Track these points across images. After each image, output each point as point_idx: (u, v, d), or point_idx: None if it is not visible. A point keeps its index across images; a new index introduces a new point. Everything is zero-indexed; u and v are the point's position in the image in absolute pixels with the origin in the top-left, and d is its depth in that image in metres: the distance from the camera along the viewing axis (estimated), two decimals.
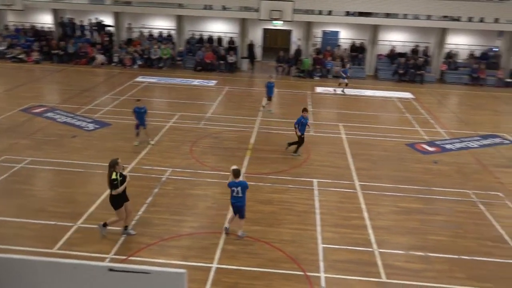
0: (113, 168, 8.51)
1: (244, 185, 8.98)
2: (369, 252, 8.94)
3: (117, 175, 8.52)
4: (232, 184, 8.99)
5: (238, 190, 8.94)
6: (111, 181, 8.49)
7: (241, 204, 9.06)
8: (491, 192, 11.78)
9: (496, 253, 9.10)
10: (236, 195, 8.98)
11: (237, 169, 9.05)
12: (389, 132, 16.21)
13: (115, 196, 8.63)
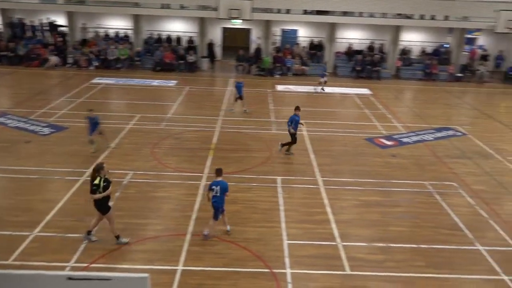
0: (97, 173, 8.35)
1: (223, 186, 8.97)
2: (333, 246, 9.12)
3: (101, 180, 8.33)
4: (212, 183, 9.07)
5: (217, 190, 8.94)
6: (93, 185, 8.32)
7: (218, 204, 9.02)
8: (445, 182, 12.29)
9: (452, 240, 9.51)
10: (215, 194, 8.98)
11: (219, 168, 9.17)
12: (349, 128, 16.59)
13: (101, 201, 8.42)
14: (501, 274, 8.41)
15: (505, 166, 13.60)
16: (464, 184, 12.23)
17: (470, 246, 9.31)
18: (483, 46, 28.57)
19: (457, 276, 8.35)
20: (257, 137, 15.26)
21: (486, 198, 11.44)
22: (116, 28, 27.61)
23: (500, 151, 14.83)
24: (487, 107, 20.48)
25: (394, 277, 8.22)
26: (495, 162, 13.91)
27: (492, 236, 9.74)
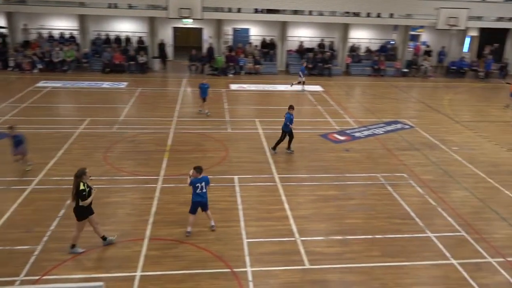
0: (80, 179, 8.18)
1: (207, 180, 9.16)
2: (292, 241, 9.23)
3: (85, 185, 8.18)
4: (195, 181, 9.05)
5: (202, 186, 9.05)
6: (80, 192, 8.12)
7: (205, 200, 9.17)
8: (396, 174, 12.78)
9: (404, 229, 9.89)
10: (199, 192, 9.05)
11: (199, 166, 9.19)
12: (303, 125, 16.84)
13: (82, 208, 8.24)
14: (450, 259, 8.84)
15: (450, 156, 14.33)
16: (413, 174, 12.76)
17: (421, 233, 9.72)
18: (426, 42, 29.95)
19: (411, 263, 8.70)
20: (213, 137, 15.16)
21: (434, 187, 12.00)
22: (60, 28, 26.51)
23: (445, 141, 15.60)
24: (432, 100, 21.48)
25: (352, 268, 8.44)
26: (441, 152, 14.62)
27: (440, 223, 10.23)
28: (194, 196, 9.12)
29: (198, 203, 9.17)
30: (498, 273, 8.47)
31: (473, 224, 10.18)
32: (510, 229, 10.09)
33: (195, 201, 9.15)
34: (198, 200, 9.14)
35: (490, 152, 14.87)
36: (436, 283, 8.17)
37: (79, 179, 8.19)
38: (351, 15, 26.72)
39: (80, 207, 8.27)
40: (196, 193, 9.08)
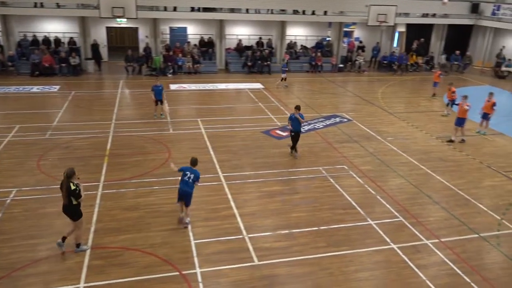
0: (71, 179, 8.20)
1: (197, 175, 9.27)
2: (240, 239, 9.25)
3: (75, 185, 8.23)
4: (186, 168, 9.29)
5: (191, 177, 9.18)
6: (72, 191, 8.17)
7: (190, 190, 9.25)
8: (337, 166, 13.22)
9: (347, 219, 10.27)
10: (187, 180, 9.17)
11: (194, 158, 9.45)
12: (246, 122, 16.94)
13: (77, 206, 8.33)
14: (390, 244, 9.31)
15: (386, 146, 15.06)
16: (353, 165, 13.27)
17: (363, 222, 10.14)
18: (359, 38, 31.19)
19: (355, 250, 9.05)
20: (154, 138, 14.82)
21: (373, 177, 12.56)
22: None
23: (380, 133, 16.37)
24: (366, 94, 22.44)
25: (300, 261, 8.63)
26: (377, 143, 15.33)
27: (380, 210, 10.73)
28: (181, 183, 9.25)
29: (182, 191, 9.24)
30: (433, 254, 9.04)
31: (410, 209, 10.78)
32: (442, 211, 10.80)
33: (180, 189, 9.25)
34: (183, 189, 9.22)
35: (421, 140, 15.81)
36: (378, 268, 8.56)
37: (70, 179, 8.20)
38: (288, 12, 27.20)
39: (75, 206, 8.32)
40: (183, 180, 9.21)
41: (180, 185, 9.29)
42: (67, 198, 8.20)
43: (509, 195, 11.82)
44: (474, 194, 11.75)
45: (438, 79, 21.73)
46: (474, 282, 8.18)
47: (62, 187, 8.26)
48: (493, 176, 13.03)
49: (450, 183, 12.38)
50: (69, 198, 8.19)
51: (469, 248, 9.30)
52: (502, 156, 14.59)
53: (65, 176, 8.22)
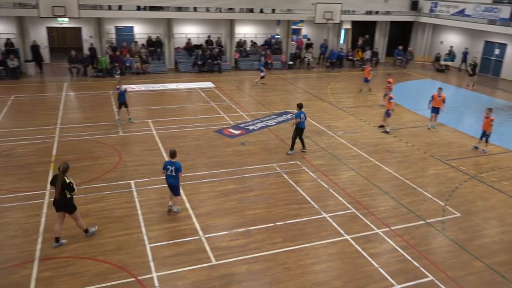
0: (66, 173, 8.51)
1: (178, 166, 9.76)
2: (197, 240, 9.17)
3: (69, 178, 8.57)
4: (167, 163, 9.82)
5: (172, 169, 9.72)
6: (67, 184, 8.48)
7: (175, 182, 9.85)
8: (291, 162, 13.41)
9: (302, 213, 10.45)
10: (170, 173, 9.77)
11: (173, 150, 9.92)
12: (198, 122, 16.78)
13: (71, 200, 8.64)
14: (344, 235, 9.58)
15: (336, 140, 15.46)
16: (305, 161, 13.51)
17: (317, 215, 10.36)
18: (307, 35, 31.76)
19: (311, 244, 9.22)
20: (103, 142, 14.34)
21: (325, 171, 12.85)
22: None
23: (331, 127, 16.78)
24: (316, 90, 22.91)
25: (258, 257, 8.68)
26: (328, 138, 15.70)
27: (333, 203, 11.01)
28: (166, 177, 9.88)
29: (169, 184, 9.92)
30: (385, 242, 9.40)
31: (361, 201, 11.14)
32: (392, 201, 11.24)
33: (167, 183, 9.94)
34: (169, 182, 9.89)
35: (369, 134, 16.36)
36: (333, 259, 8.78)
37: (65, 173, 8.49)
38: (236, 11, 27.20)
39: (69, 199, 8.61)
40: (167, 174, 9.82)
41: (166, 179, 9.91)
42: (61, 192, 8.46)
43: (451, 182, 12.51)
44: (420, 183, 12.33)
45: (368, 75, 22.32)
46: (423, 267, 8.59)
47: (56, 182, 8.52)
48: (436, 164, 13.73)
49: (398, 173, 12.92)
50: (64, 192, 8.46)
51: (417, 235, 9.75)
52: (444, 146, 15.41)
53: (60, 170, 8.48)
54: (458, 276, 8.36)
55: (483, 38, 28.23)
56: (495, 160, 14.29)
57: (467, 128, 17.47)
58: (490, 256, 9.05)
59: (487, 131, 14.63)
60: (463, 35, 29.70)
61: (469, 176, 12.91)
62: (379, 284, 8.04)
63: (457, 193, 11.84)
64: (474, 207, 11.12)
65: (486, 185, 12.40)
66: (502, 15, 24.92)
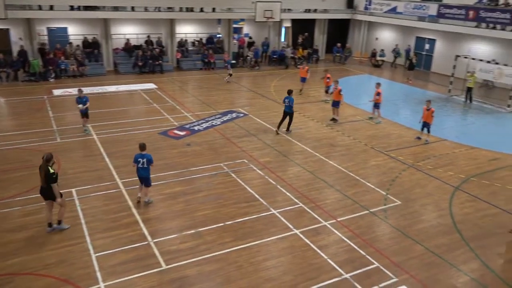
0: (49, 163, 8.79)
1: (149, 158, 10.21)
2: (145, 245, 8.94)
3: (53, 169, 8.83)
4: (137, 156, 10.16)
5: (144, 162, 10.12)
6: (51, 175, 8.76)
7: (146, 174, 10.25)
8: (238, 160, 13.43)
9: (252, 211, 10.51)
10: (141, 166, 10.13)
11: (142, 143, 10.31)
12: (141, 125, 16.35)
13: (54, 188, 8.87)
14: (293, 229, 9.75)
15: (282, 137, 15.69)
16: (252, 159, 13.60)
17: (266, 212, 10.46)
18: (248, 34, 31.92)
19: (261, 241, 9.30)
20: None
21: (272, 167, 13.01)
22: None
23: (276, 125, 16.97)
24: (260, 88, 23.11)
25: (209, 258, 8.62)
26: (273, 135, 15.89)
27: (281, 199, 11.17)
28: (138, 170, 10.23)
29: (140, 176, 10.28)
30: (332, 233, 9.69)
31: (308, 195, 11.40)
32: (337, 193, 11.60)
33: (138, 175, 10.29)
34: (140, 174, 10.25)
35: (313, 129, 16.77)
36: (284, 254, 8.91)
37: (48, 163, 8.78)
38: (175, 10, 26.77)
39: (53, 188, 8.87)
40: (139, 167, 10.16)
41: (138, 171, 10.25)
42: (46, 181, 8.77)
43: (391, 172, 13.13)
44: (362, 174, 12.83)
45: (305, 75, 22.58)
46: (369, 254, 8.95)
47: (41, 170, 8.80)
48: (377, 156, 14.34)
49: (341, 166, 13.35)
50: (47, 181, 8.76)
51: (362, 224, 10.14)
52: (383, 137, 16.13)
53: (44, 159, 8.81)
54: (401, 261, 8.80)
55: (414, 34, 29.85)
56: (430, 149, 15.18)
57: (403, 120, 18.41)
58: (429, 240, 9.60)
59: (429, 122, 15.47)
60: (396, 32, 31.23)
61: (407, 165, 13.61)
62: (329, 275, 8.27)
63: (397, 182, 12.44)
64: (412, 194, 11.75)
65: (423, 173, 13.14)
66: (430, 12, 26.48)
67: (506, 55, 23.72)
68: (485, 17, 23.52)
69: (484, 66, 21.59)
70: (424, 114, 15.56)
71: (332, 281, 8.10)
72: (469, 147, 15.48)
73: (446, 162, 14.03)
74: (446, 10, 25.36)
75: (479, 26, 24.26)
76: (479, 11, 23.74)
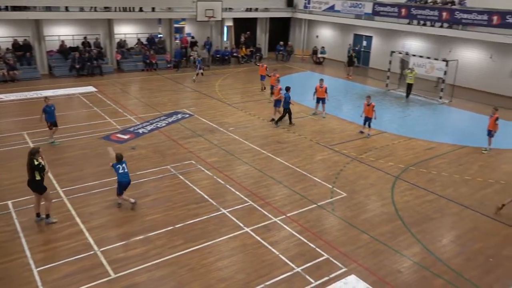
0: (33, 156, 9.14)
1: (125, 161, 10.35)
2: (91, 255, 8.60)
3: (38, 161, 9.15)
4: (116, 164, 10.16)
5: (124, 167, 10.22)
6: (36, 166, 9.13)
7: (129, 179, 10.33)
8: (185, 162, 13.26)
9: (201, 212, 10.42)
10: (122, 172, 10.18)
11: (119, 153, 10.43)
12: (82, 130, 15.69)
13: (40, 181, 9.29)
14: (244, 228, 9.79)
15: (229, 136, 15.69)
16: (200, 159, 13.48)
17: (216, 212, 10.42)
18: (190, 33, 31.55)
19: (213, 241, 9.25)
20: None
21: (220, 167, 12.97)
22: None
23: (222, 124, 16.97)
24: (204, 88, 22.94)
25: (159, 263, 8.44)
26: (220, 134, 15.86)
27: (231, 198, 11.18)
28: (120, 177, 10.17)
29: (126, 182, 10.25)
30: (282, 229, 9.83)
31: (257, 192, 11.49)
32: (285, 189, 11.79)
33: (122, 181, 10.21)
34: (125, 180, 10.24)
35: (259, 127, 16.92)
36: (236, 253, 8.93)
37: (32, 156, 9.14)
38: (112, 10, 25.89)
39: (39, 181, 9.24)
40: (120, 173, 10.14)
41: (121, 178, 10.18)
42: (31, 173, 9.19)
43: (336, 165, 13.55)
44: (309, 169, 13.13)
45: (264, 73, 22.92)
46: (318, 247, 9.18)
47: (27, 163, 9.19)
48: (322, 151, 14.74)
49: (289, 162, 13.59)
50: (33, 174, 9.14)
51: (311, 218, 10.38)
52: (327, 132, 16.60)
53: (29, 152, 9.22)
54: (349, 251, 9.11)
55: (352, 32, 30.96)
56: (371, 141, 15.83)
57: (345, 114, 19.05)
58: (374, 228, 10.02)
59: (370, 117, 16.07)
60: (335, 29, 32.22)
61: (351, 158, 14.11)
62: (281, 270, 8.39)
63: (341, 175, 12.86)
64: (357, 186, 12.20)
65: (366, 165, 13.68)
66: (366, 10, 27.55)
67: (436, 50, 25.23)
68: (416, 14, 24.86)
69: (417, 60, 22.82)
70: (365, 109, 16.18)
71: (284, 276, 8.23)
72: (407, 138, 16.32)
73: (387, 153, 14.70)
74: (380, 8, 26.51)
75: (411, 23, 25.61)
76: (411, 8, 25.05)
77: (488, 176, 13.19)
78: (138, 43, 28.09)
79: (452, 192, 12.05)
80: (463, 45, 24.39)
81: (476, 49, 24.01)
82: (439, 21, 23.94)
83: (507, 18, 20.63)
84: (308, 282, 8.09)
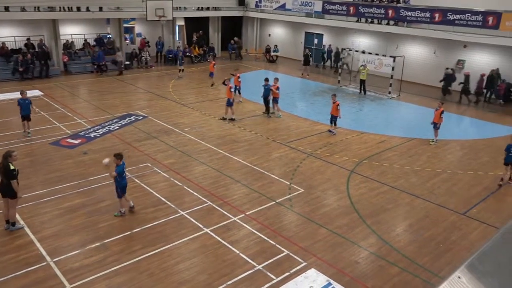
0: (7, 160, 8.90)
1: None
2: (44, 266, 8.22)
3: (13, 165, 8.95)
4: (121, 167, 9.76)
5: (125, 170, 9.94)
6: (11, 171, 8.88)
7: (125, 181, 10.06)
8: (140, 165, 12.97)
9: (159, 215, 10.22)
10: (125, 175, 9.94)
11: (119, 153, 10.02)
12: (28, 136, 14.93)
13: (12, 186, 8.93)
14: (203, 229, 9.71)
15: (185, 137, 15.50)
16: (156, 162, 13.22)
17: (175, 214, 10.27)
18: (141, 34, 30.85)
19: (172, 244, 9.10)
20: None
21: (177, 169, 12.79)
22: None
23: (177, 125, 16.74)
24: (158, 89, 22.52)
25: (118, 270, 8.21)
26: (176, 135, 15.63)
27: (189, 199, 11.05)
28: (123, 181, 9.91)
29: (126, 185, 10.01)
30: (242, 228, 9.84)
31: (215, 192, 11.43)
32: (243, 188, 11.81)
33: (125, 184, 9.97)
34: (126, 183, 10.02)
35: (215, 127, 16.83)
36: (196, 255, 8.83)
37: (6, 160, 8.93)
38: (57, 10, 24.81)
39: (11, 186, 8.93)
40: (123, 177, 9.86)
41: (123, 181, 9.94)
42: (4, 177, 8.91)
43: (293, 162, 13.73)
44: (267, 167, 13.22)
45: (213, 69, 23.29)
46: (278, 243, 9.27)
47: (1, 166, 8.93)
48: (279, 148, 14.89)
49: (246, 161, 13.61)
50: (7, 177, 8.86)
51: (270, 215, 10.46)
52: (283, 130, 16.79)
53: (4, 155, 9.00)
54: (308, 245, 9.26)
55: (304, 30, 31.47)
56: (325, 137, 16.17)
57: (300, 111, 19.34)
58: (331, 222, 10.25)
59: (335, 115, 16.31)
60: (287, 28, 32.62)
61: (307, 155, 14.35)
62: (242, 268, 8.40)
63: (298, 171, 13.05)
64: (314, 181, 12.42)
65: (321, 160, 13.96)
66: (316, 9, 28.10)
67: (384, 47, 26.17)
68: (364, 13, 25.66)
69: (367, 57, 23.56)
70: (332, 107, 16.44)
71: (246, 274, 8.24)
72: (360, 132, 16.82)
73: (341, 148, 15.08)
74: (330, 6, 27.13)
75: (360, 20, 26.39)
76: (359, 7, 25.82)
77: (436, 166, 13.85)
78: (85, 44, 27.11)
79: (404, 182, 12.55)
80: (409, 41, 25.47)
81: (421, 45, 25.15)
82: (386, 18, 24.85)
83: (448, 16, 21.77)
84: (270, 278, 8.15)
